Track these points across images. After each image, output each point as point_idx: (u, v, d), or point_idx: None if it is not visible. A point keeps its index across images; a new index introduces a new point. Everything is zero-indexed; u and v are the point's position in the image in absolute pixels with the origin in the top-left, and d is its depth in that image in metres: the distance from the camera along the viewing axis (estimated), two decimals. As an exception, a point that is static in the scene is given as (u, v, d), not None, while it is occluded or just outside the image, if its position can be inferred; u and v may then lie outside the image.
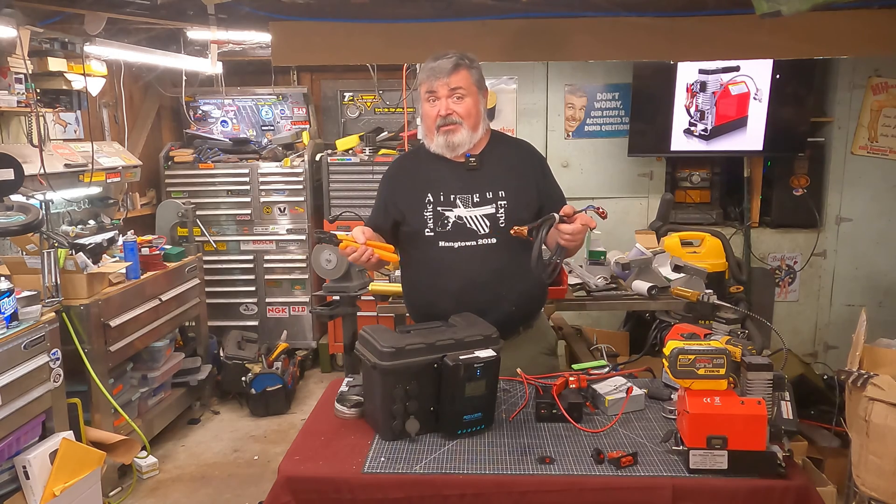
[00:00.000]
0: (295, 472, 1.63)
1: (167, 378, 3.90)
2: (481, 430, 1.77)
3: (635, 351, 3.67)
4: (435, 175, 2.18)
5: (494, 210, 2.13)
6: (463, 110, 2.10)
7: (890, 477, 2.01)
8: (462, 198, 2.13)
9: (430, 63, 2.13)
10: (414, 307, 2.31)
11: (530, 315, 2.27)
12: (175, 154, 4.85)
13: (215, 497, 3.34)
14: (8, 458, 2.62)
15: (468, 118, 2.11)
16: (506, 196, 2.13)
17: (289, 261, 4.85)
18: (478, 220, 2.13)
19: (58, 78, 3.49)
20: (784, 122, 3.94)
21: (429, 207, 2.14)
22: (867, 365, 2.18)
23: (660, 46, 3.13)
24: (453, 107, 2.10)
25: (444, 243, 2.13)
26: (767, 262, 4.18)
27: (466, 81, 2.11)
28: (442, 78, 2.09)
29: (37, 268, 2.94)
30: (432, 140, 2.16)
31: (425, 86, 2.14)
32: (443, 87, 2.09)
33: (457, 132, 2.11)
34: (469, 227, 2.12)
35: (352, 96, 5.31)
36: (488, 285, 2.10)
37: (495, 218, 2.13)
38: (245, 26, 3.38)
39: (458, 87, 2.10)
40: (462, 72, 2.10)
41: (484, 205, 2.13)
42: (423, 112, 2.18)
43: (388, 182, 2.29)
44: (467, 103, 2.11)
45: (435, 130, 2.13)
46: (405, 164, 2.35)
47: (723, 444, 1.54)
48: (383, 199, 2.26)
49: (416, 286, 2.27)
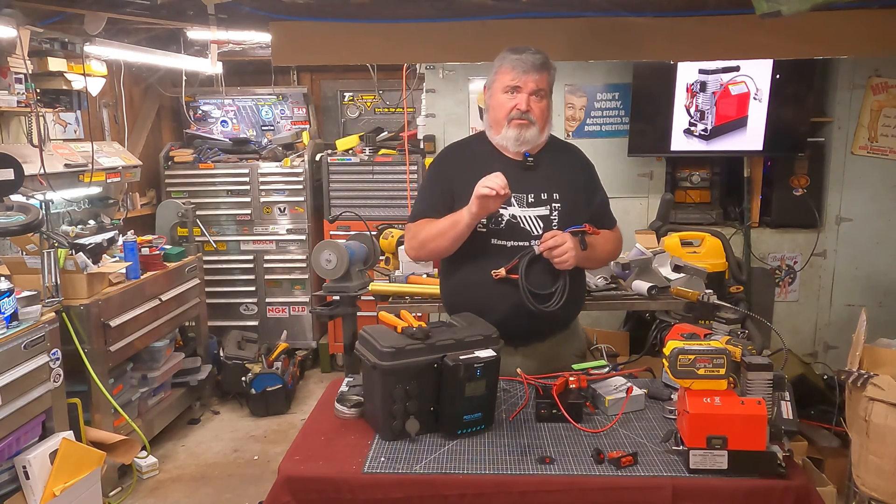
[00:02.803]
0: (295, 472, 1.63)
1: (167, 378, 3.89)
2: (481, 430, 1.77)
3: (635, 351, 3.67)
4: (490, 169, 2.11)
5: (548, 212, 2.11)
6: (540, 111, 2.09)
7: (890, 477, 2.02)
8: (517, 196, 2.10)
9: (515, 55, 2.09)
10: (454, 305, 2.22)
11: (570, 317, 2.25)
12: (175, 154, 4.85)
13: (215, 497, 3.34)
14: (8, 458, 2.62)
15: (540, 118, 2.10)
16: (560, 199, 2.12)
17: (289, 261, 4.85)
18: (531, 220, 2.11)
19: (58, 78, 3.49)
20: (784, 122, 3.94)
21: None
22: (867, 365, 2.19)
23: (660, 46, 3.12)
24: (533, 105, 2.08)
25: (496, 241, 2.10)
26: (767, 262, 4.18)
27: (548, 83, 2.11)
28: (532, 73, 2.06)
29: (37, 268, 2.94)
30: (499, 132, 2.12)
31: (508, 76, 2.09)
32: (530, 83, 2.07)
33: (529, 128, 2.09)
34: (522, 227, 2.10)
35: (352, 96, 5.31)
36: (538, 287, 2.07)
37: (549, 220, 2.11)
38: (245, 26, 3.38)
39: (542, 88, 2.09)
40: (547, 73, 2.10)
41: (538, 206, 2.11)
42: (496, 102, 2.13)
43: (443, 170, 2.24)
44: (544, 105, 2.11)
45: (506, 122, 2.10)
46: (458, 154, 2.28)
47: (723, 444, 1.54)
48: (440, 189, 2.19)
49: (461, 282, 2.20)
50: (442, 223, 2.10)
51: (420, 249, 2.21)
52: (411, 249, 2.25)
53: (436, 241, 2.13)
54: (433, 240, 2.13)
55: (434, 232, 2.12)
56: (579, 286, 2.24)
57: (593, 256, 2.15)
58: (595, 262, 2.26)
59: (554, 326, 2.19)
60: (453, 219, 2.07)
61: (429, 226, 2.15)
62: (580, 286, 2.26)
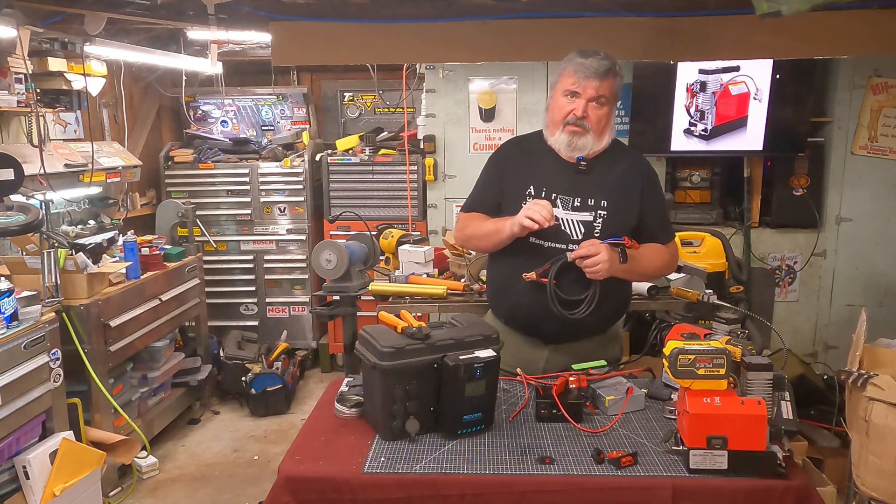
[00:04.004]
0: (295, 472, 1.63)
1: (167, 378, 3.89)
2: (481, 430, 1.78)
3: (635, 351, 3.67)
4: (543, 168, 2.12)
5: (592, 218, 2.09)
6: (597, 117, 2.05)
7: (890, 477, 2.02)
8: (563, 199, 2.09)
9: (581, 58, 2.05)
10: (495, 303, 2.27)
11: (606, 323, 2.23)
12: (175, 154, 4.84)
13: (215, 497, 3.34)
14: (8, 458, 2.62)
15: (598, 125, 2.06)
16: (607, 206, 2.09)
17: (289, 261, 4.85)
18: (574, 224, 2.09)
19: (58, 78, 3.49)
20: (784, 122, 3.94)
21: (527, 199, 2.09)
22: (867, 365, 2.19)
23: (660, 46, 3.12)
24: (590, 111, 2.05)
25: (534, 240, 2.08)
26: (767, 262, 4.18)
27: (611, 90, 2.07)
28: (593, 80, 2.02)
29: (37, 268, 2.94)
30: (554, 134, 2.11)
31: (570, 80, 2.05)
32: (590, 90, 2.03)
33: (583, 136, 2.06)
34: (563, 230, 2.08)
35: (352, 96, 5.31)
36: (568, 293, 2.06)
37: (591, 226, 2.08)
38: (245, 26, 3.38)
39: (603, 95, 2.05)
40: (611, 79, 2.05)
41: (584, 210, 2.09)
42: (555, 104, 2.11)
43: (498, 163, 2.23)
44: (604, 112, 2.06)
45: (561, 126, 2.08)
46: (516, 149, 2.26)
47: (723, 444, 1.54)
48: (492, 180, 2.21)
49: (500, 280, 2.23)
50: (487, 226, 2.14)
51: (465, 242, 2.35)
52: (458, 239, 2.34)
53: (480, 241, 2.22)
54: (477, 238, 2.21)
55: (480, 232, 2.17)
56: (620, 295, 2.21)
57: (636, 269, 2.11)
58: (638, 275, 2.23)
59: (588, 331, 2.17)
60: (497, 226, 2.09)
61: (476, 223, 2.19)
62: (621, 295, 2.22)
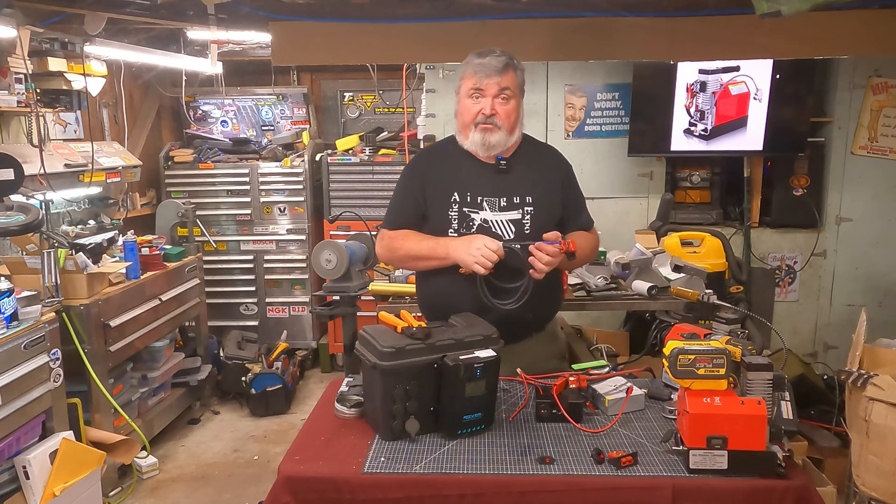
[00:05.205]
0: (295, 472, 1.63)
1: (167, 378, 3.89)
2: (481, 430, 1.77)
3: (635, 351, 3.67)
4: (464, 174, 2.14)
5: (521, 216, 2.12)
6: (505, 112, 2.08)
7: (890, 477, 2.02)
8: (489, 201, 2.11)
9: (478, 59, 2.09)
10: (430, 308, 2.26)
11: (544, 319, 2.26)
12: (175, 154, 4.85)
13: (215, 497, 3.34)
14: (8, 458, 2.62)
15: (507, 120, 2.09)
16: (533, 202, 2.12)
17: (289, 261, 4.85)
18: (504, 224, 2.11)
19: (58, 78, 3.49)
20: (784, 122, 3.94)
21: (454, 207, 2.11)
22: (867, 365, 2.19)
23: (660, 46, 3.12)
24: (497, 108, 2.07)
25: None
26: (767, 262, 4.18)
27: (514, 83, 2.10)
28: (493, 76, 2.06)
29: (37, 268, 2.94)
30: (467, 137, 2.13)
31: (471, 81, 2.09)
32: (492, 86, 2.07)
33: (495, 132, 2.08)
34: (494, 232, 2.10)
35: (352, 96, 5.31)
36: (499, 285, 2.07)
37: (521, 223, 2.11)
38: (245, 26, 3.38)
39: (507, 88, 2.08)
40: (511, 73, 2.09)
41: (511, 210, 2.12)
42: (462, 107, 2.14)
43: (416, 175, 2.23)
44: (511, 105, 2.10)
45: (472, 127, 2.10)
46: (433, 158, 2.28)
47: (723, 444, 1.54)
48: (413, 193, 2.20)
49: (433, 285, 2.22)
50: (420, 247, 2.12)
51: (392, 260, 2.35)
52: (383, 257, 2.30)
53: (411, 262, 2.22)
54: (408, 259, 2.21)
55: (411, 253, 2.16)
56: (554, 289, 2.23)
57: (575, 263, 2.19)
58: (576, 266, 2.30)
59: (528, 329, 2.18)
60: (432, 250, 2.09)
61: (405, 242, 2.16)
62: (555, 289, 2.25)
